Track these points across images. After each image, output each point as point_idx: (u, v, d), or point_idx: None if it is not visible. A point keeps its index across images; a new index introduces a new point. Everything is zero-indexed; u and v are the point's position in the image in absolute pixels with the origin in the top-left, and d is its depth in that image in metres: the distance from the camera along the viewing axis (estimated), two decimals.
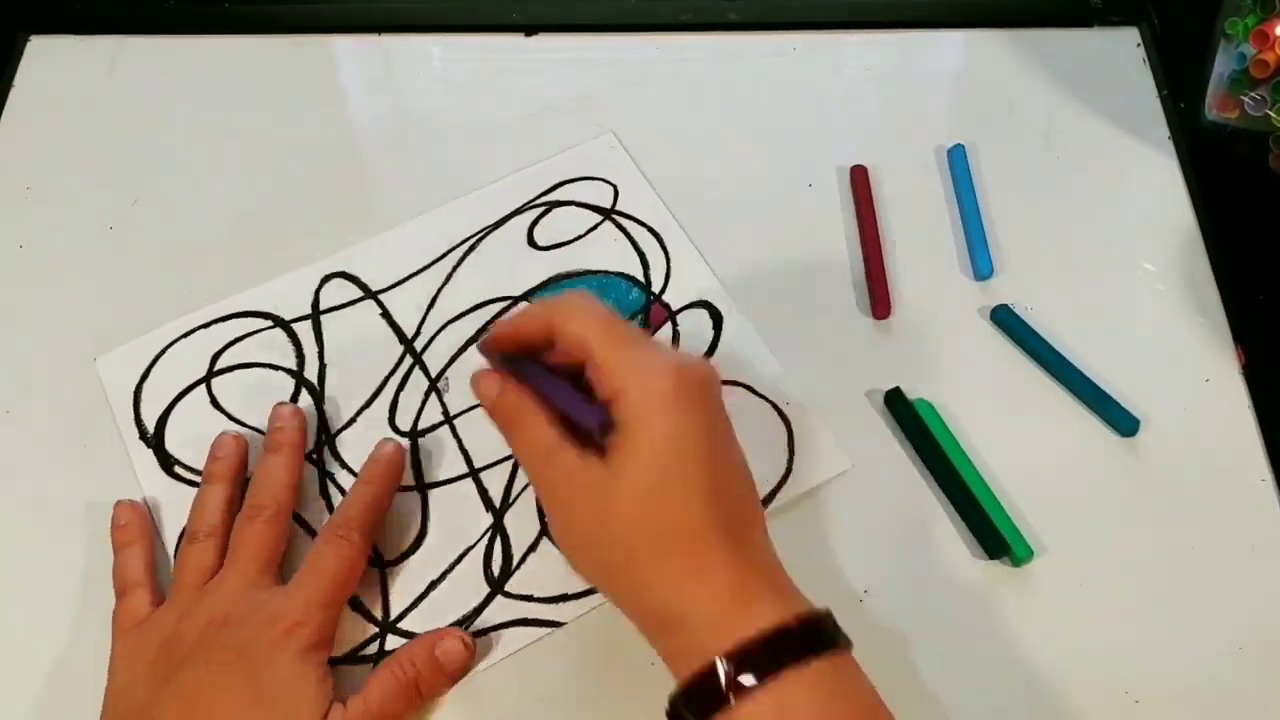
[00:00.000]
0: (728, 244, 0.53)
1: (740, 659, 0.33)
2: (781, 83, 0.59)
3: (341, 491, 0.46)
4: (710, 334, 0.51)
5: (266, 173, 0.56)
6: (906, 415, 0.48)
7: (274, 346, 0.50)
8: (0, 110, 0.58)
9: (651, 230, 0.54)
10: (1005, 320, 0.50)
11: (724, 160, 0.56)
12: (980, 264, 0.52)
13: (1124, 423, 0.47)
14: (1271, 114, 0.52)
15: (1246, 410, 0.48)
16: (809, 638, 0.34)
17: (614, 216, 0.54)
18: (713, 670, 0.33)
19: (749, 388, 0.49)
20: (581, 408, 0.37)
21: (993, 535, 0.44)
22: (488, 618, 0.44)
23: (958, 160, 0.55)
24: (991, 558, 0.44)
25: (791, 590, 0.36)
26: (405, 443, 0.47)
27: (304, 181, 0.56)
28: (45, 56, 0.60)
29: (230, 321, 0.51)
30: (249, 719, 0.37)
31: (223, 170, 0.56)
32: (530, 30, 0.61)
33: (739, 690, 0.33)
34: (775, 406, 0.48)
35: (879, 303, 0.51)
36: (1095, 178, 0.56)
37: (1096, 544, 0.45)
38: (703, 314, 0.51)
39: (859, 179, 0.55)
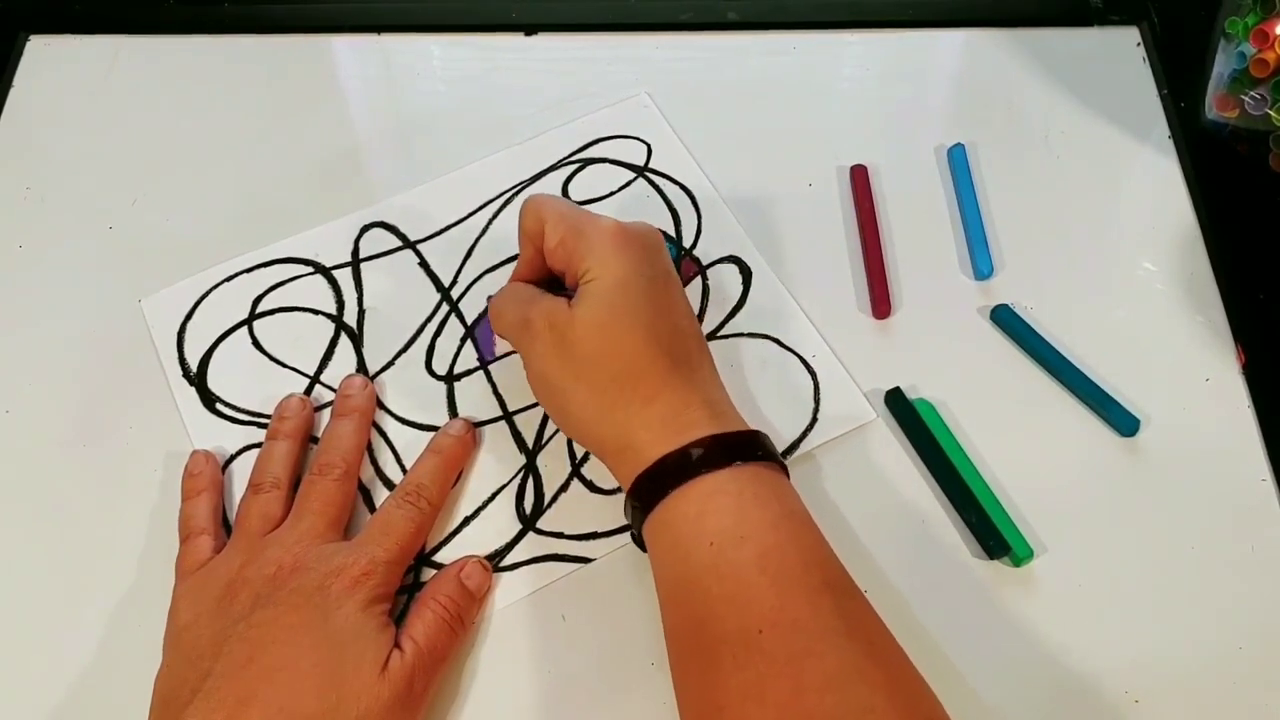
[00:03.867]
0: None
1: (661, 469, 0.39)
2: (781, 83, 0.59)
3: (378, 430, 0.48)
4: (740, 288, 0.52)
5: (266, 173, 0.56)
6: (906, 415, 0.48)
7: (314, 291, 0.52)
8: (0, 110, 0.58)
9: (684, 187, 0.55)
10: (1005, 320, 0.50)
11: (724, 160, 0.56)
12: (980, 264, 0.52)
13: (1124, 423, 0.47)
14: (1271, 113, 0.52)
15: (1246, 410, 0.48)
16: (731, 448, 0.39)
17: (647, 174, 0.56)
18: (641, 481, 0.39)
19: (777, 340, 0.50)
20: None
21: (993, 535, 0.44)
22: (519, 553, 0.45)
23: (958, 160, 0.55)
24: (991, 558, 0.44)
25: (731, 415, 0.41)
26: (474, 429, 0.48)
27: (303, 181, 0.56)
28: (45, 56, 0.60)
29: (272, 267, 0.53)
30: (319, 662, 0.38)
31: (222, 170, 0.56)
32: (530, 30, 0.61)
33: (663, 495, 0.38)
34: (802, 359, 0.49)
35: (879, 303, 0.51)
36: (1095, 178, 0.55)
37: (1096, 544, 0.45)
38: (732, 269, 0.53)
39: (859, 179, 0.55)
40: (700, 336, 0.44)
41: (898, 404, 0.48)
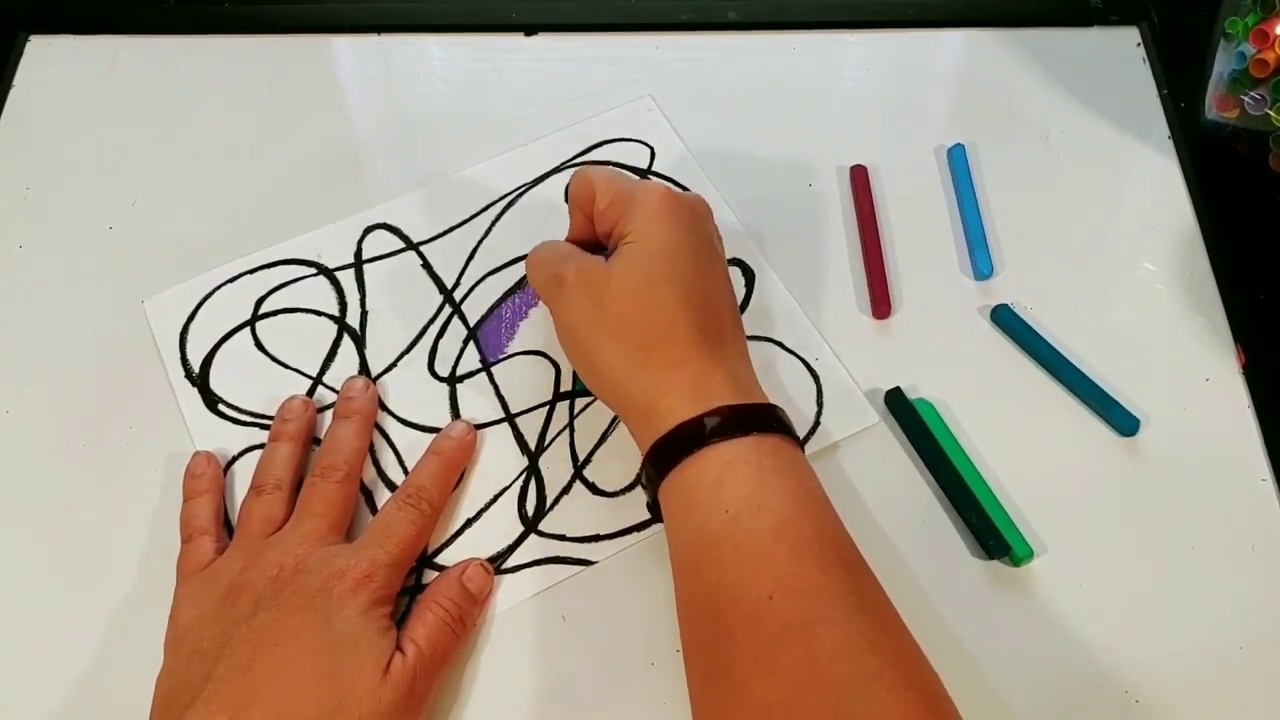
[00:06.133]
0: None
1: (678, 435, 0.39)
2: (781, 83, 0.59)
3: (381, 432, 0.48)
4: (743, 290, 0.52)
5: (266, 172, 0.56)
6: (906, 415, 0.48)
7: (317, 293, 0.52)
8: (0, 110, 0.58)
9: (687, 190, 0.55)
10: (1005, 320, 0.50)
11: (724, 160, 0.56)
12: (980, 264, 0.52)
13: (1124, 423, 0.47)
14: (1271, 113, 0.52)
15: (1246, 410, 0.48)
16: (747, 419, 0.39)
17: (650, 176, 0.56)
18: (658, 446, 0.39)
19: (779, 343, 0.50)
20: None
21: (993, 535, 0.44)
22: (520, 555, 0.45)
23: (958, 160, 0.55)
24: (991, 558, 0.44)
25: (753, 389, 0.42)
26: (477, 432, 0.48)
27: (302, 181, 0.56)
28: (45, 56, 0.60)
29: (275, 268, 0.53)
30: (321, 664, 0.38)
31: (222, 170, 0.56)
32: (530, 30, 0.61)
33: (678, 461, 0.39)
34: (805, 362, 0.49)
35: (879, 303, 0.51)
36: (1095, 178, 0.56)
37: (1096, 544, 0.45)
38: (735, 271, 0.52)
39: (859, 179, 0.55)
40: (735, 313, 0.44)
41: (898, 404, 0.48)
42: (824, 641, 0.35)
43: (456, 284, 0.52)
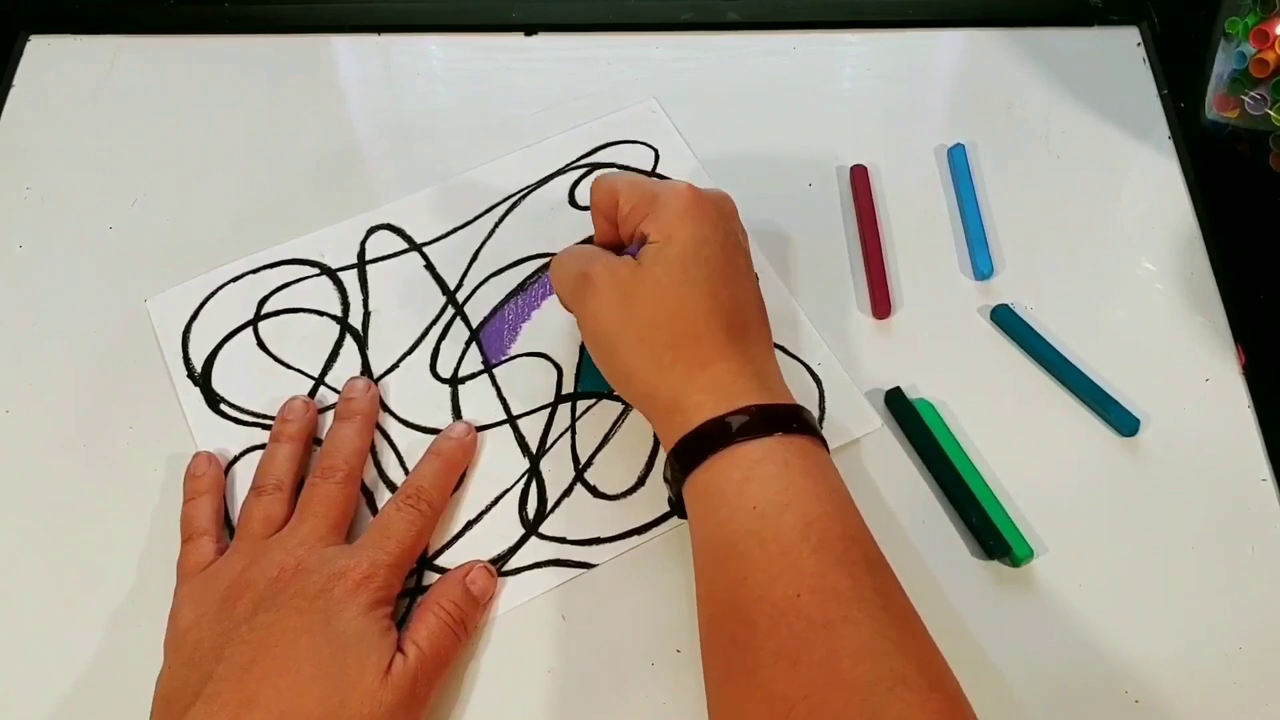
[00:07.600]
0: None
1: (703, 433, 0.39)
2: (781, 83, 0.59)
3: (382, 432, 0.48)
4: None
5: (266, 173, 0.56)
6: (906, 415, 0.48)
7: (320, 293, 0.52)
8: (0, 110, 0.58)
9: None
10: (1005, 320, 0.50)
11: (723, 160, 0.56)
12: (980, 264, 0.52)
13: (1124, 423, 0.47)
14: (1271, 113, 0.52)
15: (1246, 410, 0.48)
16: (773, 419, 0.39)
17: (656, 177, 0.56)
18: (683, 444, 0.40)
19: (782, 348, 0.50)
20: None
21: (993, 535, 0.44)
22: (521, 558, 0.45)
23: (958, 160, 0.55)
24: (991, 558, 0.44)
25: (778, 389, 0.42)
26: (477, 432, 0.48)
27: (303, 182, 0.56)
28: (45, 56, 0.60)
29: (279, 268, 0.53)
30: (321, 665, 0.38)
31: (222, 170, 0.56)
32: (530, 30, 0.61)
33: (704, 458, 0.39)
34: (807, 367, 0.49)
35: (879, 303, 0.51)
36: (1095, 177, 0.56)
37: (1096, 544, 0.45)
38: None
39: (859, 179, 0.55)
40: (761, 309, 0.44)
41: (898, 404, 0.48)
42: (848, 641, 0.35)
43: (459, 285, 0.52)
